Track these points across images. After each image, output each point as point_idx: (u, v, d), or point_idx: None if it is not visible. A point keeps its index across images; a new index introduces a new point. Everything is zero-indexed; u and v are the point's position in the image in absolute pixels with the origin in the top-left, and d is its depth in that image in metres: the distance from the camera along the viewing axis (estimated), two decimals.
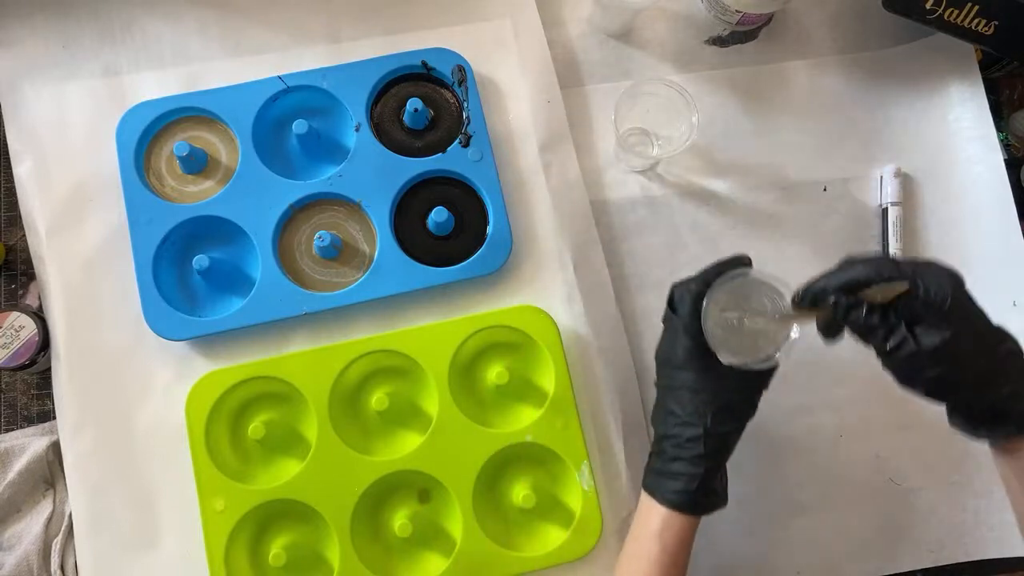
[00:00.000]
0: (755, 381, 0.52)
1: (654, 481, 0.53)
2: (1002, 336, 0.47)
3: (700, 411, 0.51)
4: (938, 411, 0.67)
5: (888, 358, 0.47)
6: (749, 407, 0.52)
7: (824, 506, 0.65)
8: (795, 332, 0.49)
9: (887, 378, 0.69)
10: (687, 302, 0.51)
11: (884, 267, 0.46)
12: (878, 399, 0.67)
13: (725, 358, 0.49)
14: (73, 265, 0.65)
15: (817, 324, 0.48)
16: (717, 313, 0.50)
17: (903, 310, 0.46)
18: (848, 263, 0.48)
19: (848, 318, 0.46)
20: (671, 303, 0.53)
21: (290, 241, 0.66)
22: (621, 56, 0.72)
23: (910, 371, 0.47)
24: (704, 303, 0.50)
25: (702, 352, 0.50)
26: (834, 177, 0.71)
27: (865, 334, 0.47)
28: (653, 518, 0.52)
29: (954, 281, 0.46)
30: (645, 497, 0.53)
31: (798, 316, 0.49)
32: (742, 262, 0.52)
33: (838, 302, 0.46)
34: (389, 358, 0.64)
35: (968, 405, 0.48)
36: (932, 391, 0.47)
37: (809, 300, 0.48)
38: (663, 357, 0.54)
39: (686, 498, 0.51)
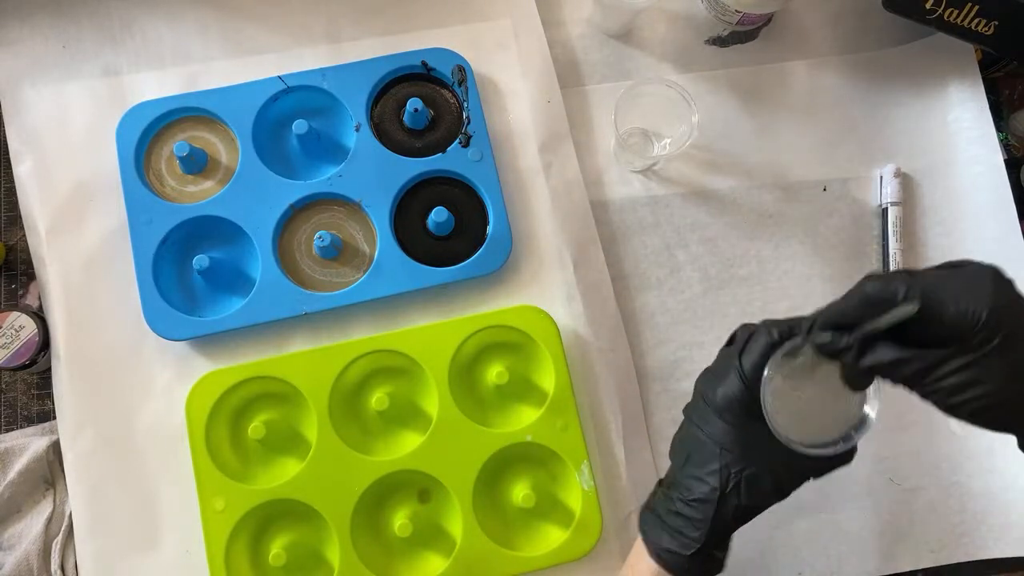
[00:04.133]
0: (805, 466, 0.44)
1: (650, 525, 0.47)
2: None
3: (722, 471, 0.44)
4: (938, 411, 0.67)
5: (921, 388, 0.39)
6: (783, 488, 0.45)
7: (824, 506, 0.65)
8: (872, 412, 0.43)
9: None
10: (759, 346, 0.43)
11: (895, 285, 0.38)
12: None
13: (781, 434, 0.42)
14: (73, 265, 0.65)
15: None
16: (782, 378, 0.43)
17: (927, 331, 0.38)
18: (857, 285, 0.40)
19: (834, 354, 0.40)
20: (734, 335, 0.46)
21: (290, 241, 0.66)
22: (621, 56, 0.72)
23: (950, 399, 0.38)
24: (773, 359, 0.42)
25: (747, 406, 0.43)
26: (834, 177, 0.71)
27: (880, 375, 0.39)
28: (642, 567, 0.47)
29: (994, 284, 0.37)
30: (639, 543, 0.48)
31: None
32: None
33: (828, 348, 0.40)
34: (389, 358, 0.64)
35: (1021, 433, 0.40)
36: (980, 419, 0.38)
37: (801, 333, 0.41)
38: (703, 391, 0.46)
39: (676, 560, 0.45)
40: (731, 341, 0.47)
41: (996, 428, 0.39)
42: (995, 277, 0.38)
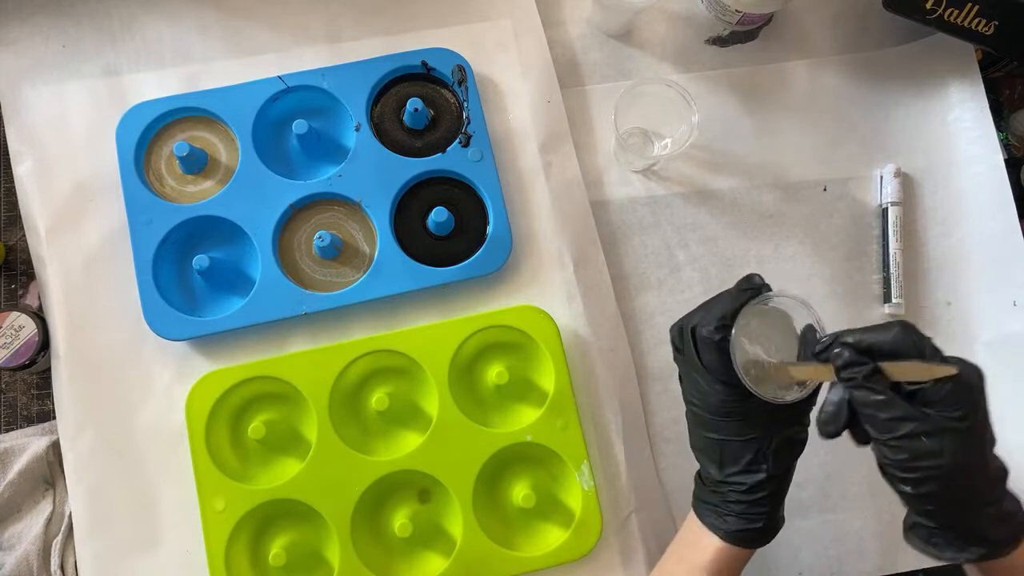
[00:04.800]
0: (804, 407, 0.49)
1: (712, 516, 0.50)
2: (996, 456, 0.43)
3: (758, 457, 0.48)
4: None
5: (885, 437, 0.42)
6: (803, 433, 0.49)
7: (824, 506, 0.65)
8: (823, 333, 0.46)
9: None
10: (712, 347, 0.46)
11: (920, 341, 0.41)
12: None
13: (769, 396, 0.45)
14: (73, 265, 0.65)
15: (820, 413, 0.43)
16: (745, 354, 0.46)
17: (918, 391, 0.41)
18: (877, 326, 0.42)
19: (850, 381, 0.42)
20: (676, 344, 0.50)
21: (290, 241, 0.66)
22: (621, 56, 0.72)
23: (908, 455, 0.41)
24: (731, 345, 0.45)
25: (740, 397, 0.47)
26: (834, 177, 0.71)
27: (863, 406, 0.42)
28: (705, 545, 0.50)
29: (981, 375, 0.41)
30: (695, 525, 0.51)
31: (814, 370, 0.44)
32: (752, 283, 0.47)
33: (845, 360, 0.41)
34: (389, 358, 0.64)
35: (938, 519, 0.43)
36: (913, 487, 0.42)
37: (823, 347, 0.43)
38: (697, 407, 0.49)
39: (751, 535, 0.49)
40: (677, 348, 0.50)
41: (911, 489, 0.42)
42: (982, 374, 0.42)
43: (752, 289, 0.47)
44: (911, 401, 0.41)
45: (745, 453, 0.48)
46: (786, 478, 0.50)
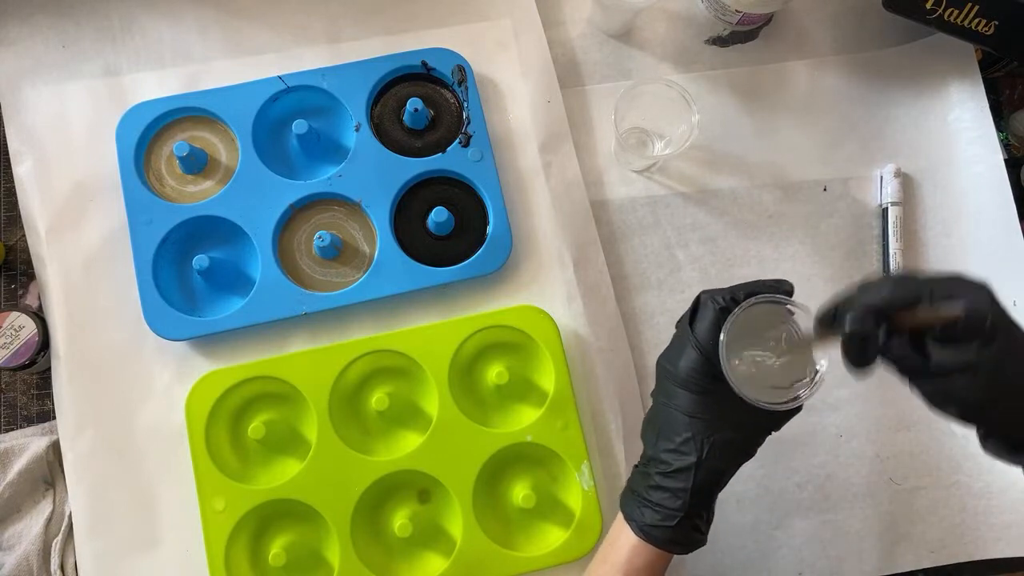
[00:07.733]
0: (766, 421, 0.47)
1: (631, 505, 0.49)
2: None
3: (695, 440, 0.46)
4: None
5: (918, 381, 0.42)
6: (751, 446, 0.48)
7: (824, 506, 0.65)
8: (823, 366, 0.45)
9: (887, 378, 0.69)
10: (709, 315, 0.46)
11: (918, 287, 0.40)
12: (878, 399, 0.67)
13: (746, 395, 0.44)
14: (73, 265, 0.65)
15: (843, 353, 0.42)
16: (738, 339, 0.45)
17: (934, 330, 0.40)
18: (872, 284, 0.42)
19: (865, 344, 0.40)
20: (694, 309, 0.48)
21: (290, 241, 0.66)
22: (621, 56, 0.72)
23: (943, 394, 0.41)
24: (727, 324, 0.45)
25: (708, 373, 0.46)
26: (834, 177, 0.71)
27: (892, 360, 0.41)
28: (623, 543, 0.48)
29: (989, 295, 0.40)
30: (619, 521, 0.50)
31: (820, 340, 0.43)
32: (782, 288, 0.47)
33: (856, 328, 0.40)
34: (389, 358, 0.64)
35: (1007, 428, 0.43)
36: (966, 413, 0.42)
37: (830, 320, 0.42)
38: (665, 368, 0.49)
39: (662, 533, 0.47)
40: (692, 312, 0.49)
41: (965, 415, 0.42)
42: (989, 289, 0.41)
43: (781, 291, 0.47)
44: (934, 341, 0.40)
45: (684, 431, 0.46)
46: (717, 481, 0.47)
